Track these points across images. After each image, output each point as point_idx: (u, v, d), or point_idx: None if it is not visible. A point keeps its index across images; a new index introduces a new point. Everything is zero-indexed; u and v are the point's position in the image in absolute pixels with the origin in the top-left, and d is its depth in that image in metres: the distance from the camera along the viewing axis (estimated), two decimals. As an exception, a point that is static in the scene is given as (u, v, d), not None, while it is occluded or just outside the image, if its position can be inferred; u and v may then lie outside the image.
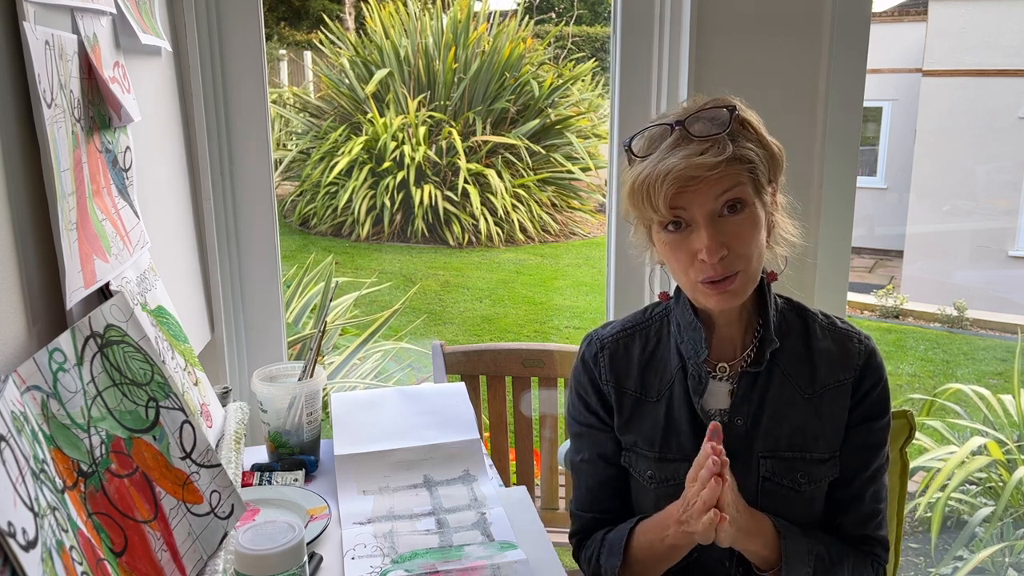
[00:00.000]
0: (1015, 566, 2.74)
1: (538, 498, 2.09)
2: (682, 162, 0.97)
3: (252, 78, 1.53)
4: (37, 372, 0.74)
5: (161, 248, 1.24)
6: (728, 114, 1.00)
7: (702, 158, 0.97)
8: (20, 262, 0.79)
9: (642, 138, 1.04)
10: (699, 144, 0.99)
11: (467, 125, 7.90)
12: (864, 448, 1.10)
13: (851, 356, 1.10)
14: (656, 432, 1.11)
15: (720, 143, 0.99)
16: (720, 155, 0.98)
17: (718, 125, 1.00)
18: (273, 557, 0.83)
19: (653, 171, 0.99)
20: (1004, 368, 5.42)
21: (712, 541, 0.99)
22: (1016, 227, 6.44)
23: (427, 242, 7.59)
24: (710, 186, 0.98)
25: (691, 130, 1.00)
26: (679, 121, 1.01)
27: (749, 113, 1.05)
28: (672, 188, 0.98)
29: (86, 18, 0.94)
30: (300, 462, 1.28)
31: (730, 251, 1.00)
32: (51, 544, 0.65)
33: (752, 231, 1.02)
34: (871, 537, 1.12)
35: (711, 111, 1.01)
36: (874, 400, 1.10)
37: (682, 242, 1.02)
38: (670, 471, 1.10)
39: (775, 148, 1.05)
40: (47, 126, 0.80)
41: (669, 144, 1.00)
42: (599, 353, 1.16)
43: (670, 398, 1.11)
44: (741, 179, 1.00)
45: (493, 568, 1.00)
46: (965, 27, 6.38)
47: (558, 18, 10.14)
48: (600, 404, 1.15)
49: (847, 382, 1.09)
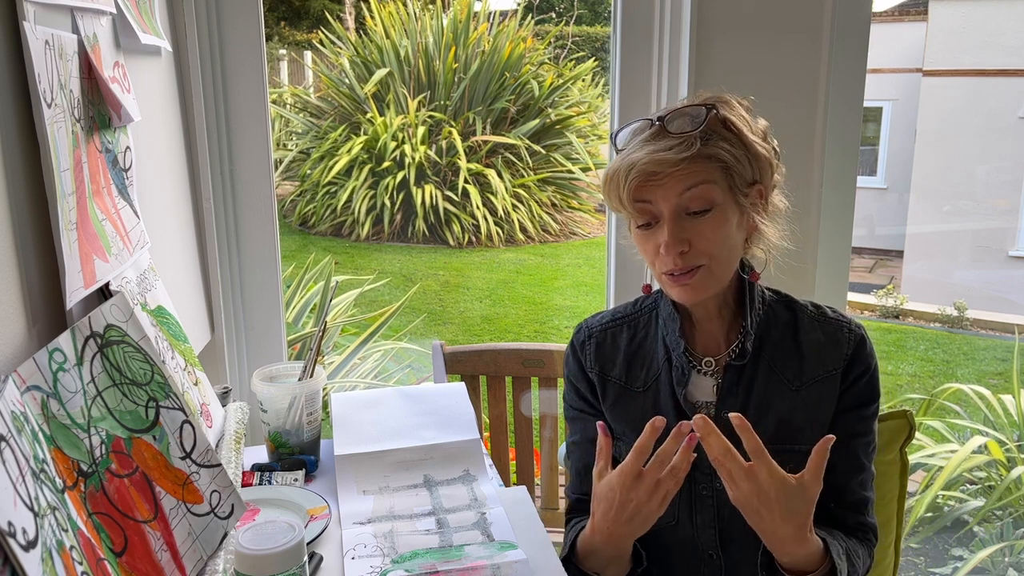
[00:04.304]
0: (1015, 566, 2.73)
1: (538, 498, 2.09)
2: (646, 156, 0.99)
3: (252, 78, 1.53)
4: (37, 372, 0.74)
5: (161, 248, 1.24)
6: (706, 112, 1.01)
7: (665, 154, 0.99)
8: (20, 262, 0.79)
9: (625, 132, 1.07)
10: (669, 140, 1.00)
11: (467, 125, 7.90)
12: (852, 435, 1.10)
13: (840, 345, 1.11)
14: (643, 422, 1.11)
15: (689, 140, 1.00)
16: (685, 152, 0.99)
17: (694, 123, 1.01)
18: (273, 557, 0.83)
19: (621, 164, 1.02)
20: (1004, 368, 5.42)
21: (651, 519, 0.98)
22: (1016, 227, 6.44)
23: (427, 242, 7.59)
24: (676, 181, 1.00)
25: (668, 127, 1.02)
26: (660, 117, 1.03)
27: (737, 114, 1.05)
28: (635, 181, 1.00)
29: (86, 18, 0.94)
30: (300, 462, 1.28)
31: (692, 247, 1.02)
32: (51, 544, 0.65)
33: (717, 229, 1.02)
34: (865, 524, 1.12)
35: (692, 108, 1.03)
36: (862, 387, 1.10)
37: (650, 237, 1.05)
38: None
39: (760, 149, 1.05)
40: (47, 126, 0.80)
41: (643, 139, 1.03)
42: (586, 341, 1.20)
43: (656, 389, 1.13)
44: (710, 176, 1.01)
45: (493, 568, 1.00)
46: (965, 27, 6.38)
47: (558, 18, 10.14)
48: (588, 390, 1.19)
49: (836, 372, 1.10)
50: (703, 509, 1.11)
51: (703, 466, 1.10)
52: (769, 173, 1.07)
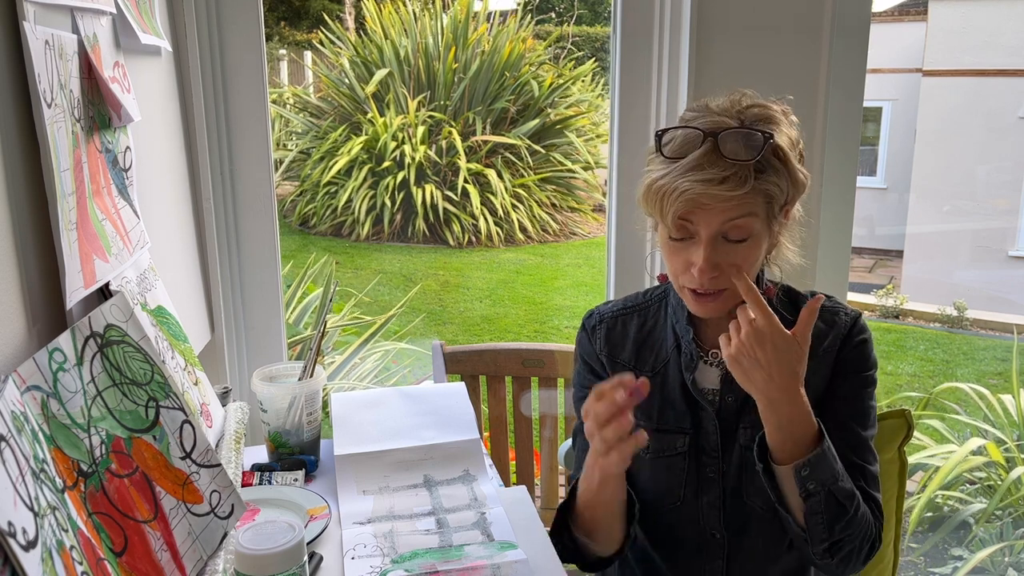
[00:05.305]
0: (1015, 566, 2.74)
1: (538, 498, 2.09)
2: (699, 186, 0.97)
3: (252, 78, 1.53)
4: (37, 372, 0.74)
5: (161, 248, 1.24)
6: (763, 140, 0.99)
7: (719, 188, 0.97)
8: (20, 262, 0.79)
9: (674, 138, 1.03)
10: (722, 168, 0.97)
11: (467, 125, 7.90)
12: (846, 399, 1.11)
13: (838, 327, 1.14)
14: (652, 405, 1.15)
15: (743, 174, 0.98)
16: (738, 188, 0.97)
17: (749, 150, 0.98)
18: (273, 557, 0.83)
19: (670, 185, 0.99)
20: (1004, 368, 5.41)
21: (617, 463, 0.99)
22: (1016, 227, 6.45)
23: (427, 242, 7.59)
24: (721, 211, 0.99)
25: (721, 148, 0.98)
26: (713, 132, 0.99)
27: (785, 135, 1.03)
28: (682, 209, 1.00)
29: (86, 18, 0.94)
30: (300, 462, 1.28)
31: (722, 273, 1.03)
32: (51, 544, 0.65)
33: (748, 257, 1.04)
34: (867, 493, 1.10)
35: (747, 132, 0.99)
36: (855, 355, 1.13)
37: (682, 250, 1.05)
38: (666, 443, 1.14)
39: (801, 176, 1.05)
40: (47, 126, 0.80)
41: (695, 158, 0.99)
42: (597, 326, 1.22)
43: (664, 374, 1.16)
44: (754, 209, 1.01)
45: (493, 568, 1.00)
46: (965, 27, 6.38)
47: (558, 18, 10.14)
48: (601, 368, 1.21)
49: (832, 349, 1.13)
50: (709, 489, 1.13)
51: (708, 447, 1.13)
52: (800, 195, 1.08)
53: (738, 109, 1.03)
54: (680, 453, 1.13)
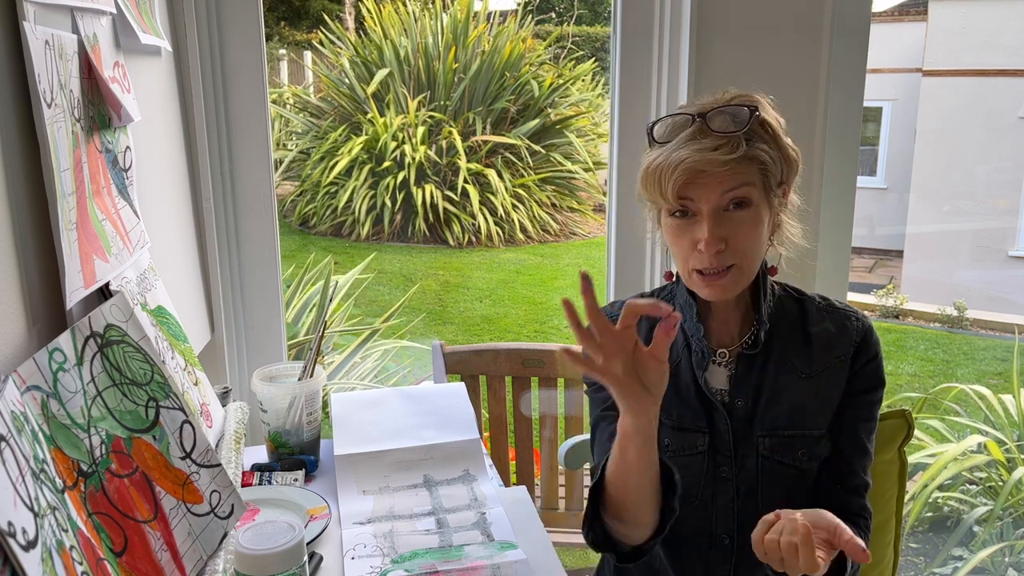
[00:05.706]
0: (1015, 566, 2.73)
1: (538, 498, 2.09)
2: (695, 155, 1.00)
3: (252, 78, 1.53)
4: (37, 372, 0.74)
5: (161, 248, 1.24)
6: (748, 113, 1.03)
7: (714, 154, 1.00)
8: (20, 262, 0.79)
9: (664, 124, 1.07)
10: (714, 139, 1.01)
11: (467, 125, 7.90)
12: (858, 419, 1.13)
13: (849, 333, 1.14)
14: (670, 403, 1.14)
15: (734, 141, 1.01)
16: (732, 153, 1.00)
17: (737, 123, 1.03)
18: (273, 557, 0.83)
19: (666, 160, 1.02)
20: (1004, 368, 5.42)
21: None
22: (1016, 227, 6.45)
23: (427, 242, 7.59)
24: (718, 181, 1.01)
25: (710, 124, 1.03)
26: (701, 114, 1.03)
27: (771, 114, 1.07)
28: (681, 178, 1.01)
29: (86, 18, 0.94)
30: (300, 462, 1.28)
31: (728, 245, 1.04)
32: (51, 544, 0.65)
33: (753, 229, 1.05)
34: (865, 507, 1.14)
35: (733, 108, 1.04)
36: (869, 372, 1.14)
37: (685, 229, 1.06)
38: (686, 441, 1.13)
39: (791, 152, 1.08)
40: (47, 126, 0.80)
41: (687, 135, 1.03)
42: None
43: (676, 374, 1.15)
44: (750, 178, 1.03)
45: (493, 568, 1.00)
46: (965, 27, 6.38)
47: (558, 18, 10.14)
48: None
49: (845, 359, 1.13)
50: (724, 490, 1.13)
51: (722, 448, 1.12)
52: (795, 173, 1.11)
53: (723, 98, 1.07)
54: (700, 452, 1.13)
